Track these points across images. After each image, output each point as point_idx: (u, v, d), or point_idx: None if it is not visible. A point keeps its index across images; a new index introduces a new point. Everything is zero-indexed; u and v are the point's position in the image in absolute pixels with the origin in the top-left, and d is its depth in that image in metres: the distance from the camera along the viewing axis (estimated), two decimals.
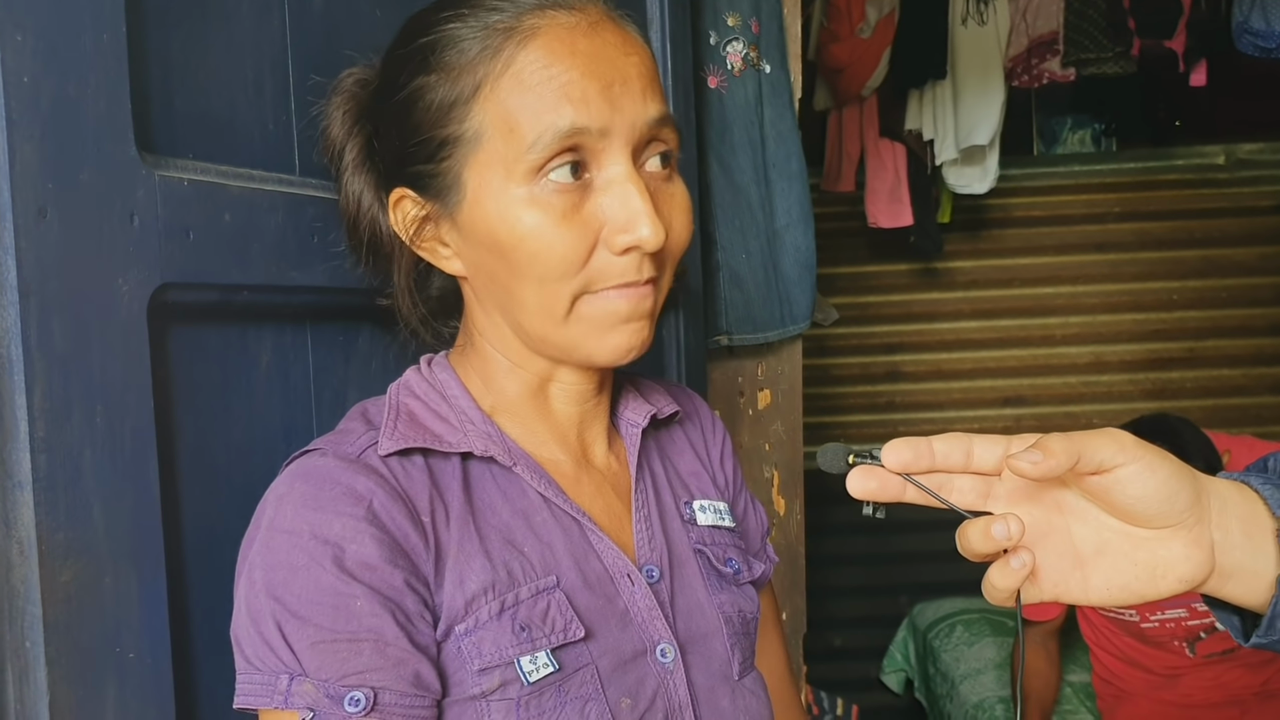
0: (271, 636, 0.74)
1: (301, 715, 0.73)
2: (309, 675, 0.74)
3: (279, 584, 0.75)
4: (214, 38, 0.87)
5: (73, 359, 0.71)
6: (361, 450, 0.82)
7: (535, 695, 0.79)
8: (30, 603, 0.69)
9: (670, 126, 0.85)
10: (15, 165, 0.67)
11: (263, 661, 0.75)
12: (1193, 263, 4.33)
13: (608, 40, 0.82)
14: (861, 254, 4.36)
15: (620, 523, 0.92)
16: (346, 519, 0.76)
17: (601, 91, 0.80)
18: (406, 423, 0.85)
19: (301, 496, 0.78)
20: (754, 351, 2.16)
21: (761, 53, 2.02)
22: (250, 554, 0.78)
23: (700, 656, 0.91)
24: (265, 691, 0.74)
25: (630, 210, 0.80)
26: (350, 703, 0.73)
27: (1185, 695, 2.53)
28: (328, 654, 0.74)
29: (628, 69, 0.82)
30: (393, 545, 0.77)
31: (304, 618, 0.74)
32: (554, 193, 0.80)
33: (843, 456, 0.73)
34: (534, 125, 0.79)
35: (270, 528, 0.77)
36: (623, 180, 0.81)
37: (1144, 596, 0.73)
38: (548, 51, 0.80)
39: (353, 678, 0.74)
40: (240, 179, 0.87)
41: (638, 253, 0.82)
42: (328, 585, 0.74)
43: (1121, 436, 0.69)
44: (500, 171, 0.81)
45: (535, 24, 0.81)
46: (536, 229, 0.80)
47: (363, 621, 0.75)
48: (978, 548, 0.70)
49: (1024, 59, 3.61)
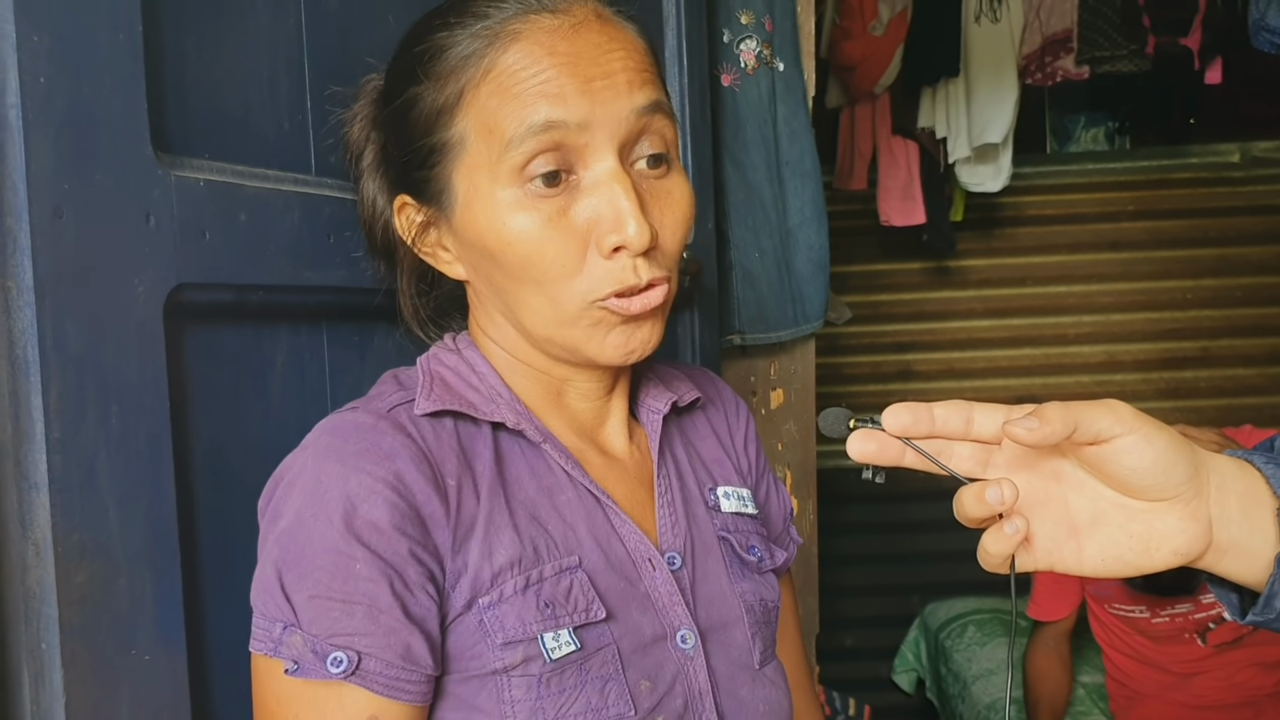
0: (272, 584, 0.76)
1: (286, 666, 0.74)
2: (301, 628, 0.75)
3: (287, 532, 0.76)
4: (229, 37, 0.87)
5: (88, 359, 0.72)
6: (392, 407, 0.83)
7: (557, 673, 0.79)
8: (46, 604, 0.70)
9: (663, 115, 0.84)
10: (31, 165, 0.67)
11: (265, 607, 0.76)
12: (1207, 261, 4.31)
13: (590, 40, 0.82)
14: (873, 252, 4.34)
15: (644, 509, 0.92)
16: (364, 476, 0.77)
17: (580, 88, 0.80)
18: (442, 387, 0.86)
19: (326, 447, 0.79)
20: (767, 351, 2.15)
21: (775, 51, 2.02)
22: (271, 501, 0.80)
23: (721, 644, 0.91)
24: (264, 637, 0.76)
25: (616, 210, 0.80)
26: (333, 663, 0.74)
27: (1199, 696, 2.52)
28: (320, 610, 0.75)
29: (611, 64, 0.81)
30: (405, 511, 0.77)
31: (304, 570, 0.75)
32: (540, 196, 0.80)
33: (844, 421, 0.73)
34: (511, 124, 0.79)
35: (291, 478, 0.79)
36: (609, 180, 0.81)
37: (1138, 568, 0.73)
38: (525, 54, 0.80)
39: (340, 638, 0.75)
40: (255, 179, 0.87)
41: (627, 253, 0.81)
42: (331, 543, 0.75)
43: (1119, 407, 0.69)
44: (486, 175, 0.81)
45: (517, 29, 0.81)
46: (523, 232, 0.80)
47: (359, 585, 0.75)
48: (972, 512, 0.70)
49: (1038, 56, 3.59)
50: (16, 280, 0.68)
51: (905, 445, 0.72)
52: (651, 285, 0.83)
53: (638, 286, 0.82)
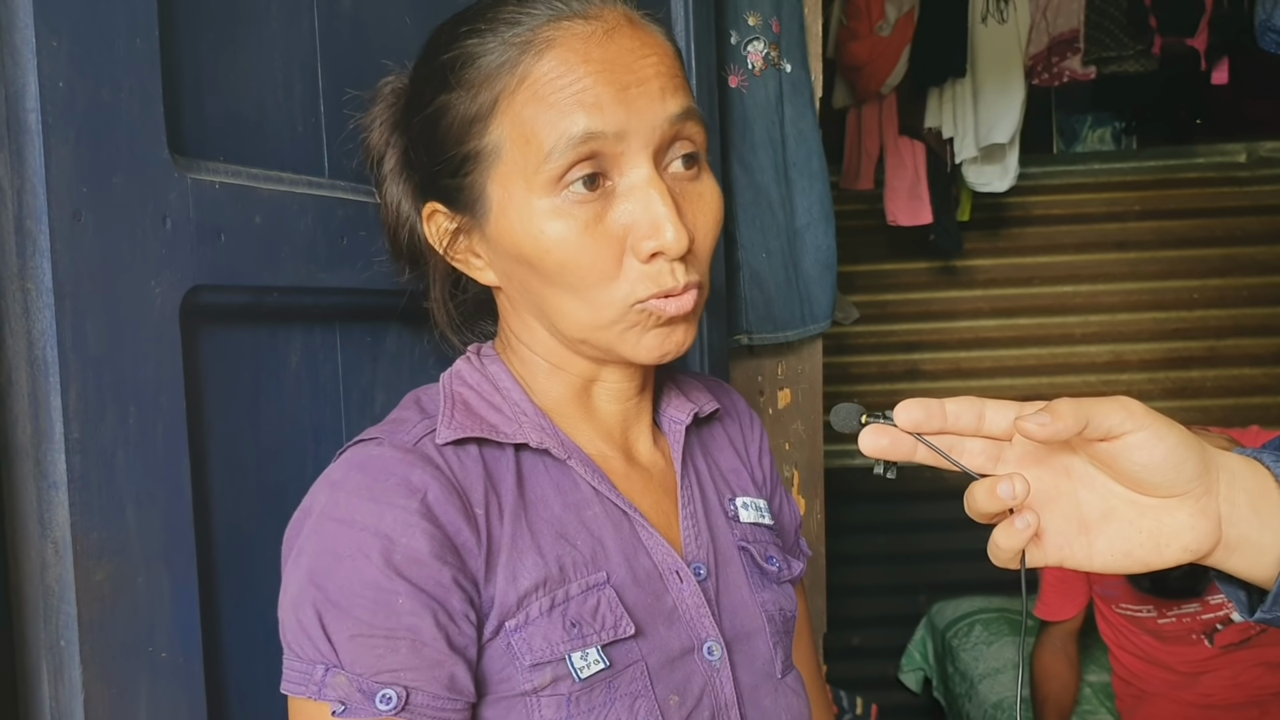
0: (311, 625, 0.75)
1: (333, 708, 0.74)
2: (344, 668, 0.74)
3: (323, 572, 0.75)
4: (244, 41, 0.88)
5: (106, 360, 0.72)
6: (418, 439, 0.82)
7: (586, 691, 0.80)
8: (65, 602, 0.70)
9: (695, 121, 0.85)
10: (51, 169, 0.68)
11: (302, 649, 0.75)
12: (1214, 261, 4.30)
13: (624, 46, 0.82)
14: (880, 252, 4.34)
15: (668, 519, 0.93)
16: (399, 511, 0.76)
17: (616, 96, 0.80)
18: (463, 412, 0.86)
19: (356, 485, 0.78)
20: (774, 350, 2.16)
21: (782, 52, 2.02)
22: (299, 539, 0.78)
23: (745, 655, 0.91)
24: (302, 680, 0.75)
25: (652, 216, 0.81)
26: (382, 700, 0.73)
27: (1205, 695, 2.52)
28: (364, 648, 0.74)
29: (644, 70, 0.82)
30: (444, 541, 0.77)
31: (344, 609, 0.74)
32: (576, 203, 0.80)
33: (856, 416, 0.74)
34: (549, 135, 0.79)
35: (322, 514, 0.78)
36: (644, 185, 0.81)
37: (1148, 564, 0.73)
38: (561, 62, 0.80)
39: (387, 675, 0.74)
40: (270, 181, 0.88)
41: (664, 259, 0.81)
42: (371, 579, 0.75)
43: (1130, 404, 0.69)
44: (521, 184, 0.81)
45: (550, 36, 0.81)
46: (561, 240, 0.81)
47: (402, 619, 0.75)
48: (983, 507, 0.71)
49: (1044, 57, 3.59)
50: (36, 282, 0.68)
51: (917, 441, 0.73)
52: (687, 289, 0.83)
53: (676, 289, 0.82)
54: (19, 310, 0.68)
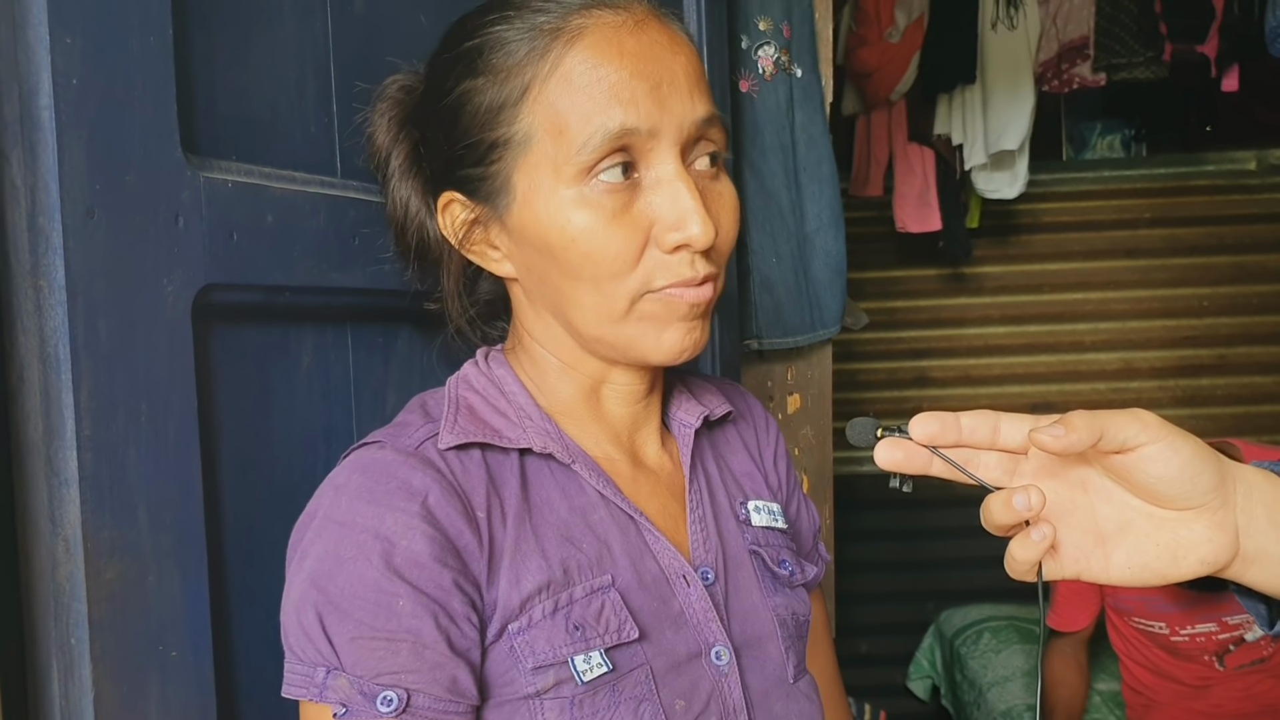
0: (312, 627, 0.75)
1: (334, 710, 0.74)
2: (345, 670, 0.74)
3: (324, 574, 0.75)
4: (257, 40, 0.88)
5: (118, 358, 0.72)
6: (420, 443, 0.82)
7: (589, 695, 0.79)
8: (76, 600, 0.70)
9: (718, 126, 0.85)
10: (64, 166, 0.68)
11: (303, 652, 0.75)
12: (1224, 268, 4.29)
13: (654, 39, 0.82)
14: (889, 259, 4.34)
15: (676, 523, 0.92)
16: (400, 514, 0.76)
17: (650, 91, 0.80)
18: (466, 416, 0.86)
19: (358, 488, 0.78)
20: (784, 356, 2.15)
21: (793, 57, 2.02)
22: (302, 542, 0.78)
23: (755, 659, 0.90)
24: (304, 683, 0.75)
25: (680, 208, 0.81)
26: (383, 702, 0.73)
27: (1216, 705, 2.50)
28: (365, 650, 0.74)
29: (675, 68, 0.82)
30: (444, 543, 0.77)
31: (345, 611, 0.74)
32: (604, 193, 0.80)
33: (871, 430, 0.74)
34: (583, 126, 0.79)
35: (324, 517, 0.78)
36: (672, 179, 0.81)
37: (1165, 577, 0.73)
38: (595, 51, 0.80)
39: (388, 677, 0.74)
40: (282, 181, 0.88)
41: (688, 251, 0.82)
42: (372, 581, 0.74)
43: (1145, 415, 0.69)
44: (549, 173, 0.81)
45: (582, 24, 0.81)
46: (588, 230, 0.80)
47: (403, 622, 0.74)
48: (999, 519, 0.71)
49: (1054, 64, 3.59)
50: (49, 279, 0.68)
51: (933, 454, 0.72)
52: (705, 280, 0.83)
53: (694, 280, 0.82)
54: (31, 307, 0.68)
